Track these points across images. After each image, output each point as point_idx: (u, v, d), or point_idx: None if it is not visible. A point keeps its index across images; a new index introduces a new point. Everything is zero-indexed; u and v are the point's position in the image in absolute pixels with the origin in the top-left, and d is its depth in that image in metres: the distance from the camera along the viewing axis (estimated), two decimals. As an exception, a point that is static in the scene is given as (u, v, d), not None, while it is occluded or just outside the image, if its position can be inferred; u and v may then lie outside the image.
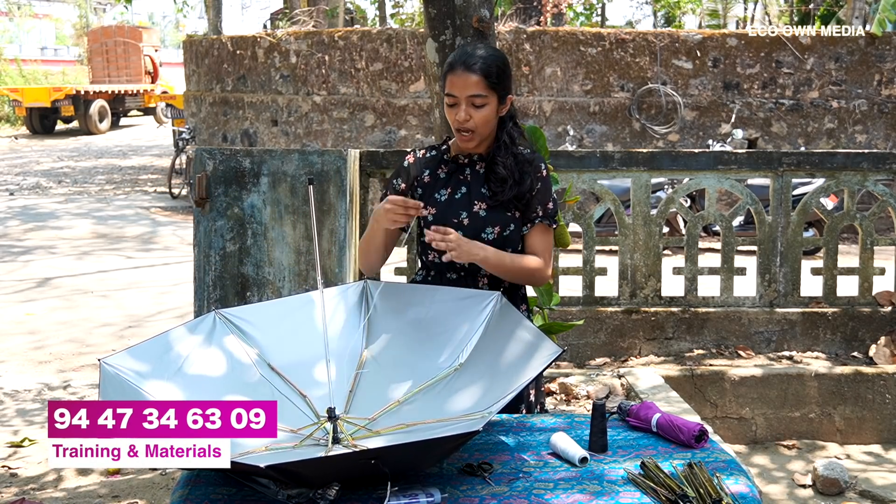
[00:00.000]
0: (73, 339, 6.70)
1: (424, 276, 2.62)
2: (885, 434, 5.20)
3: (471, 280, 2.55)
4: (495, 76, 2.45)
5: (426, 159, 2.61)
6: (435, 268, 2.58)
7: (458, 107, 2.45)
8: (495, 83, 2.45)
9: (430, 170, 2.59)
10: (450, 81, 2.46)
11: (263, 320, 2.37)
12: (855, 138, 11.19)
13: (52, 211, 12.81)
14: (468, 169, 2.56)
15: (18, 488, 3.96)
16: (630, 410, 2.24)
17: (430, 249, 2.55)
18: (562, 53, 11.17)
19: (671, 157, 5.75)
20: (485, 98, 2.44)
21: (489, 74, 2.44)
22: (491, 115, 2.47)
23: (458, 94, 2.44)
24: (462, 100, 2.44)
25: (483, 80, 2.43)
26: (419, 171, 2.59)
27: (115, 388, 2.04)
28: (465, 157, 2.56)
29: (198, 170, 4.43)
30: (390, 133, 11.55)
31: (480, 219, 2.50)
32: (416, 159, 2.61)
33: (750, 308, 5.63)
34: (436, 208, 2.53)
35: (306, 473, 1.80)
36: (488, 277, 2.55)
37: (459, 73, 2.44)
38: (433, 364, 2.23)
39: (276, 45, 12.33)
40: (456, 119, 2.46)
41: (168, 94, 25.67)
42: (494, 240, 2.50)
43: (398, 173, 2.62)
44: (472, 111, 2.44)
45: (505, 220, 2.51)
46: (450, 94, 2.46)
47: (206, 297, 4.44)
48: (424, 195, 2.56)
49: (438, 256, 2.54)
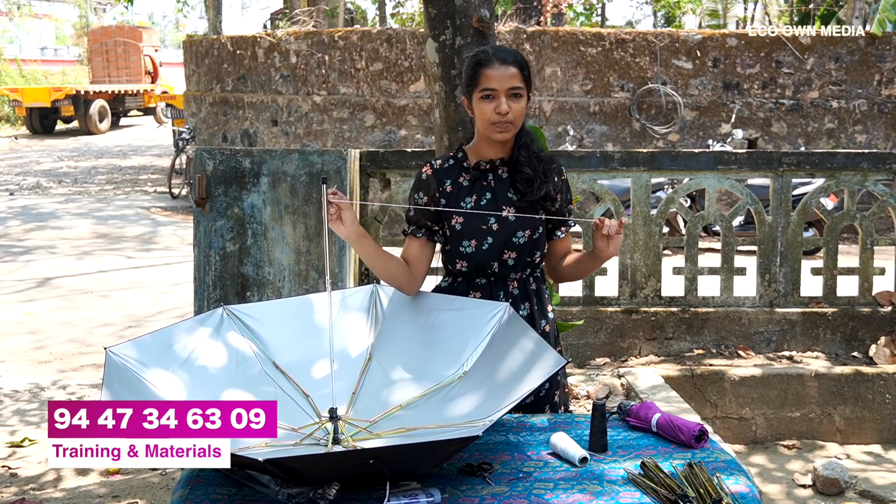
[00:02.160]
0: (74, 339, 6.70)
1: (451, 283, 2.60)
2: (885, 434, 5.21)
3: (500, 284, 2.55)
4: (527, 70, 2.49)
5: (444, 169, 2.56)
6: (462, 275, 2.57)
7: (496, 100, 2.43)
8: (527, 77, 2.48)
9: (451, 179, 2.55)
10: (486, 76, 2.44)
11: (271, 318, 2.38)
12: (855, 138, 11.19)
13: (53, 211, 12.81)
14: (491, 174, 2.54)
15: (18, 488, 3.96)
16: (630, 410, 2.24)
17: (458, 258, 2.53)
18: (562, 53, 11.17)
19: (671, 157, 5.75)
20: (521, 90, 2.45)
21: (523, 67, 2.47)
22: (524, 108, 2.48)
23: (497, 87, 2.43)
24: (502, 92, 2.43)
25: (520, 73, 2.45)
26: (440, 182, 2.54)
27: (120, 377, 2.05)
28: (486, 163, 2.54)
29: (198, 170, 4.43)
30: (390, 133, 11.55)
31: (511, 224, 2.49)
32: (435, 170, 2.56)
33: (750, 308, 5.63)
34: (463, 217, 2.50)
35: (305, 470, 1.81)
36: (518, 280, 2.55)
37: (496, 66, 2.43)
38: (438, 371, 2.24)
39: (276, 45, 12.33)
40: (497, 112, 2.43)
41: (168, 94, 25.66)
42: (525, 243, 2.50)
43: (418, 187, 2.56)
44: (512, 103, 2.44)
45: (534, 224, 2.51)
46: (487, 89, 2.43)
47: (206, 297, 4.44)
48: (449, 205, 2.52)
49: (467, 265, 2.53)
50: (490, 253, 2.50)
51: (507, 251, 2.50)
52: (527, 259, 2.54)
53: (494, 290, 2.53)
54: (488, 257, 2.51)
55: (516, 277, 2.54)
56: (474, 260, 2.52)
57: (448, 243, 2.55)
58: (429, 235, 2.55)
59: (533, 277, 2.59)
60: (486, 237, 2.49)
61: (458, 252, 2.53)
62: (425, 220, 2.53)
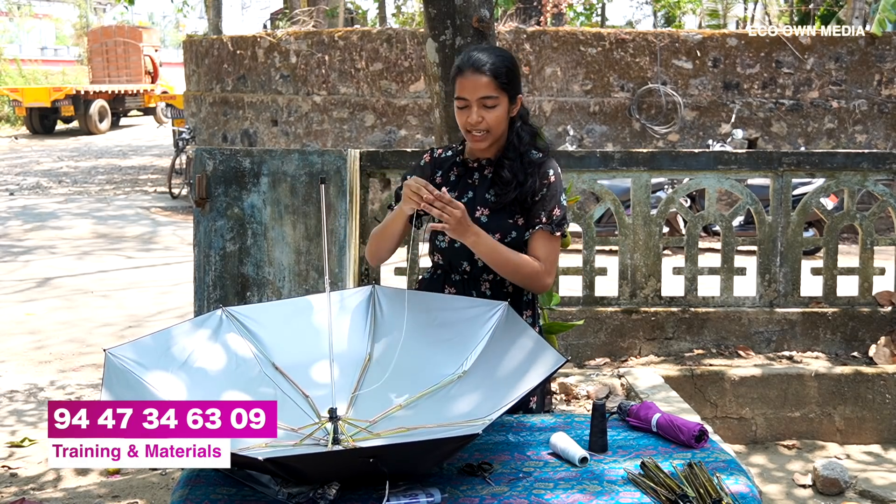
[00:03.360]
0: (74, 339, 6.70)
1: (432, 275, 2.62)
2: (885, 434, 5.20)
3: (472, 283, 2.55)
4: (505, 77, 2.45)
5: (442, 159, 2.62)
6: (440, 268, 2.59)
7: (469, 109, 2.44)
8: (505, 84, 2.45)
9: (442, 171, 2.60)
10: (460, 84, 2.45)
11: (270, 319, 2.38)
12: (855, 138, 11.19)
13: (53, 211, 12.81)
14: (477, 173, 2.56)
15: (18, 488, 3.96)
16: (630, 410, 2.24)
17: (435, 251, 2.56)
18: (562, 53, 11.17)
19: (671, 157, 5.75)
20: (496, 99, 2.44)
21: (499, 75, 2.44)
22: (503, 115, 2.46)
23: (468, 97, 2.43)
24: (473, 102, 2.43)
25: (493, 82, 2.43)
26: (433, 171, 2.59)
27: (119, 378, 2.05)
28: (474, 160, 2.56)
29: (198, 170, 4.43)
30: (390, 133, 11.55)
31: (482, 225, 2.48)
32: (433, 158, 2.62)
33: (750, 308, 5.63)
34: None
35: (304, 469, 1.81)
36: (490, 282, 2.55)
37: (469, 75, 2.43)
38: (437, 371, 2.24)
39: (276, 45, 12.33)
40: (468, 122, 2.44)
41: (168, 94, 25.67)
42: None
43: (415, 170, 2.61)
44: (484, 112, 2.43)
45: (506, 227, 2.49)
46: (460, 98, 2.45)
47: (206, 297, 4.44)
48: None
49: (442, 260, 2.55)
50: (460, 252, 2.51)
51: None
52: None
53: (467, 289, 2.54)
54: (459, 256, 2.52)
55: (489, 279, 2.54)
56: (447, 256, 2.55)
57: (429, 234, 2.57)
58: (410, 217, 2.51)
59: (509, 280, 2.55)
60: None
61: (435, 245, 2.57)
62: None
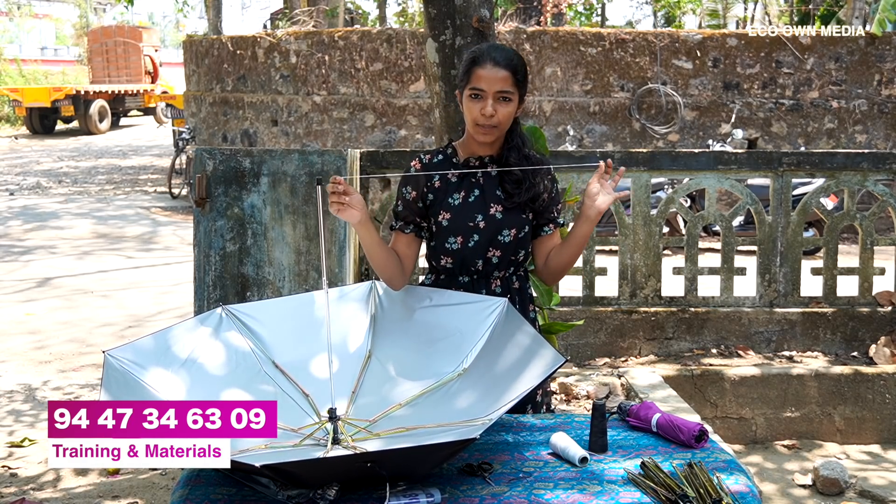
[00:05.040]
0: (74, 338, 6.70)
1: (434, 281, 2.60)
2: (884, 434, 5.20)
3: (483, 282, 2.53)
4: (521, 74, 2.45)
5: (433, 164, 2.56)
6: (445, 272, 2.56)
7: (483, 100, 2.41)
8: (520, 81, 2.45)
9: (438, 174, 2.55)
10: (476, 75, 2.42)
11: (269, 318, 2.37)
12: (855, 138, 11.19)
13: (53, 211, 12.81)
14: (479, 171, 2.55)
15: (18, 488, 3.96)
16: (630, 410, 2.24)
17: (443, 254, 2.53)
18: (562, 53, 11.17)
19: (671, 157, 5.75)
20: (511, 94, 2.43)
21: (517, 71, 2.44)
22: (513, 112, 2.46)
23: (485, 88, 2.41)
24: (489, 94, 2.41)
25: (512, 77, 2.42)
26: (429, 177, 2.54)
27: (118, 380, 2.04)
28: (476, 159, 2.54)
29: (198, 170, 4.43)
30: (390, 133, 11.55)
31: (497, 221, 2.48)
32: (423, 165, 2.56)
33: (750, 308, 5.63)
34: (450, 213, 2.50)
35: (302, 474, 1.80)
36: (501, 279, 2.55)
37: (488, 67, 2.41)
38: (437, 368, 2.24)
39: (276, 45, 12.33)
40: (481, 113, 2.41)
41: (168, 94, 25.66)
42: (510, 242, 2.50)
43: (406, 181, 2.55)
44: (498, 106, 2.42)
45: (521, 223, 2.51)
46: (476, 88, 2.42)
47: (206, 297, 4.44)
48: (436, 200, 2.52)
49: (452, 262, 2.53)
50: (476, 250, 2.50)
51: (492, 249, 2.50)
52: (511, 258, 2.53)
53: (477, 288, 2.53)
54: (474, 254, 2.51)
55: (500, 276, 2.54)
56: (459, 257, 2.52)
57: (434, 239, 2.54)
58: (416, 231, 2.55)
59: (516, 276, 2.59)
60: (472, 234, 2.49)
61: (444, 248, 2.52)
62: (413, 215, 2.54)
